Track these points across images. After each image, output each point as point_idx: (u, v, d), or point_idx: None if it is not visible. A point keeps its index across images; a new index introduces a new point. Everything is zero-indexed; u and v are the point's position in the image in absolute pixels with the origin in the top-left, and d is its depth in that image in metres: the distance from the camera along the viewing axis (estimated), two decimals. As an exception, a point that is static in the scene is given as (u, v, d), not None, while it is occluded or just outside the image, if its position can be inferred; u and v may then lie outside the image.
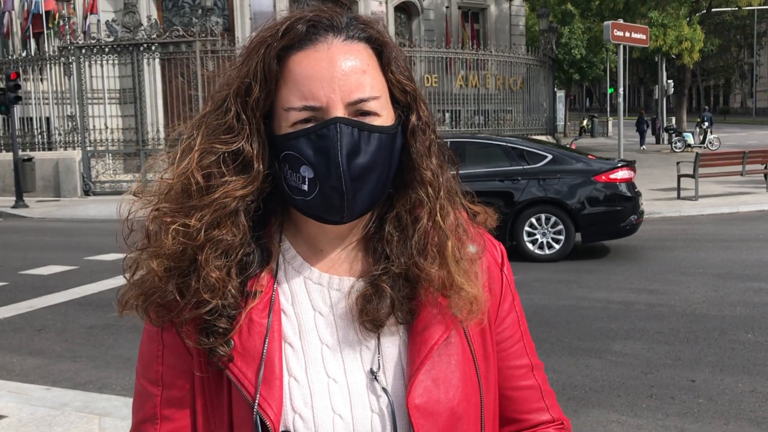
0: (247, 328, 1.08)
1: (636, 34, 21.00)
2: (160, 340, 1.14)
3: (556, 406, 1.30)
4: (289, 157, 1.06)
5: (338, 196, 1.05)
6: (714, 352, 6.29)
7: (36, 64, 22.98)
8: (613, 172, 10.73)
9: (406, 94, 1.13)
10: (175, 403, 1.14)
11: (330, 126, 1.04)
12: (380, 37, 1.11)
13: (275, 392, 1.07)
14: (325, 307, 1.14)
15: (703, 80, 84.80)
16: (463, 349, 1.14)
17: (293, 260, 1.16)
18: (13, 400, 5.24)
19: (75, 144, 21.92)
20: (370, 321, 1.11)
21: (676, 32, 31.10)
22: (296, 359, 1.10)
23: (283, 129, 1.07)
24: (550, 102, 29.30)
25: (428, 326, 1.12)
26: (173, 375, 1.14)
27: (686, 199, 16.58)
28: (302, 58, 1.06)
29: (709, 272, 9.46)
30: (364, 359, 1.12)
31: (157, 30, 21.55)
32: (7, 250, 13.07)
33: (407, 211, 1.15)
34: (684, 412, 5.09)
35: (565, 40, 44.98)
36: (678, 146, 32.77)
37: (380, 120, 1.08)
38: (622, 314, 7.61)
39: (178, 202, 1.09)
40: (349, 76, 1.05)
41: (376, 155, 1.06)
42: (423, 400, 1.09)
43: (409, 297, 1.13)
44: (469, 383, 1.14)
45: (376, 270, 1.13)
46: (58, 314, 8.32)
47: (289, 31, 1.07)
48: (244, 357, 1.08)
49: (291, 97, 1.05)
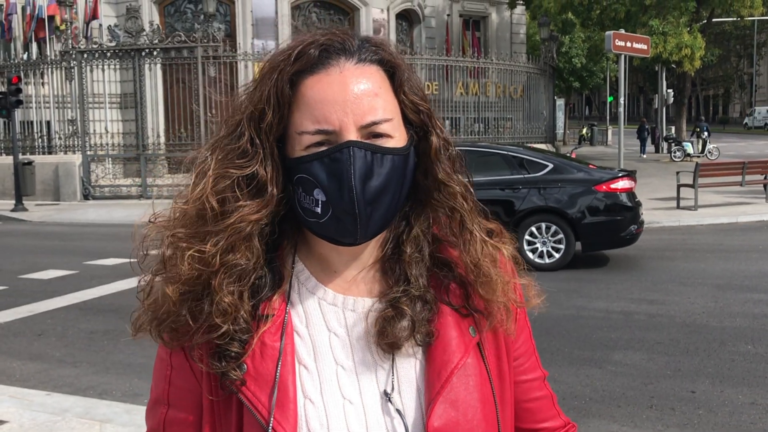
0: (260, 351, 1.09)
1: (637, 44, 21.07)
2: (169, 360, 1.17)
3: (560, 409, 1.36)
4: (302, 180, 1.07)
5: (351, 219, 1.05)
6: (714, 364, 6.30)
7: (37, 68, 23.00)
8: (613, 181, 10.75)
9: (420, 114, 1.14)
10: (178, 423, 1.16)
11: (343, 149, 1.04)
12: (392, 59, 1.12)
13: (289, 415, 1.07)
14: (340, 328, 1.14)
15: (702, 90, 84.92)
16: (480, 370, 1.15)
17: (307, 281, 1.16)
18: (14, 406, 5.24)
19: (75, 148, 21.93)
20: (388, 343, 1.11)
21: (677, 39, 31.16)
22: (311, 381, 1.11)
23: (296, 152, 1.08)
24: (549, 110, 29.35)
25: (447, 349, 1.13)
26: (179, 396, 1.16)
27: (686, 208, 16.60)
28: (315, 82, 1.07)
29: (708, 283, 9.47)
30: (380, 380, 1.12)
31: (159, 35, 21.58)
32: (6, 254, 13.07)
33: (425, 231, 1.17)
34: (684, 423, 5.09)
35: (566, 48, 45.11)
36: (677, 156, 32.80)
37: (393, 142, 1.09)
38: (622, 324, 7.61)
39: (194, 227, 1.10)
40: (362, 99, 1.06)
41: (389, 177, 1.07)
42: (442, 422, 1.09)
43: (428, 319, 1.13)
44: (487, 404, 1.14)
45: (396, 292, 1.14)
46: (58, 319, 8.32)
47: (302, 55, 1.08)
48: (257, 381, 1.08)
49: (304, 121, 1.07)
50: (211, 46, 21.10)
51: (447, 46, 28.43)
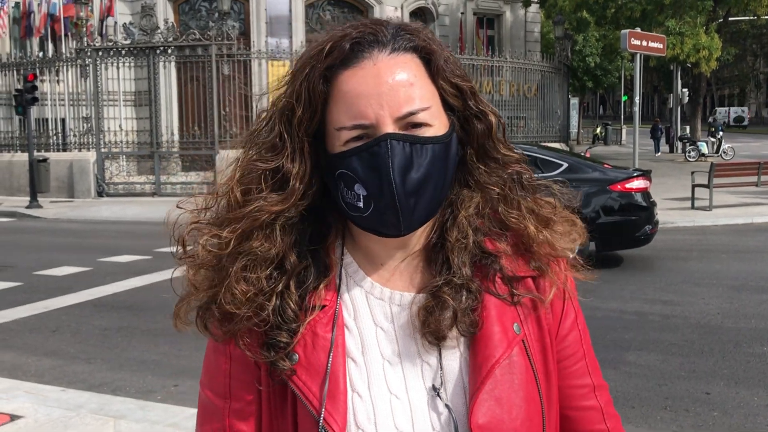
0: (312, 341, 1.09)
1: (653, 43, 20.92)
2: (227, 352, 1.15)
3: (619, 430, 1.26)
4: (343, 175, 1.07)
5: (393, 211, 1.05)
6: (729, 365, 6.25)
7: (53, 65, 23.14)
8: (628, 181, 10.69)
9: (463, 95, 1.12)
10: (242, 415, 1.15)
11: (380, 143, 1.04)
12: (427, 46, 1.10)
13: (340, 407, 1.07)
14: (386, 322, 1.13)
15: (717, 89, 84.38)
16: (526, 367, 1.12)
17: (355, 274, 1.16)
18: (30, 401, 5.27)
19: (90, 145, 22.05)
20: (432, 333, 1.10)
21: (694, 40, 30.94)
22: (359, 375, 1.11)
23: (336, 148, 1.08)
24: (564, 109, 29.23)
25: (490, 343, 1.11)
26: (240, 388, 1.15)
27: (700, 209, 16.49)
28: (349, 76, 1.07)
29: (723, 283, 9.40)
30: (425, 375, 1.11)
31: (173, 33, 21.66)
32: (21, 251, 13.16)
33: (470, 217, 1.15)
34: (699, 424, 5.06)
35: (580, 47, 44.91)
36: (692, 155, 32.60)
37: (432, 130, 1.07)
38: (636, 325, 7.57)
39: (219, 215, 1.12)
40: (397, 91, 1.05)
41: (431, 166, 1.06)
42: (486, 419, 1.07)
43: (471, 308, 1.11)
44: (532, 403, 1.12)
45: (437, 281, 1.12)
46: (72, 315, 8.37)
47: (334, 50, 1.07)
48: (309, 371, 1.08)
49: (341, 116, 1.07)
50: (226, 44, 21.15)
51: (461, 44, 28.34)
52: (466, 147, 1.15)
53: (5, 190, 22.54)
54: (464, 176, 1.16)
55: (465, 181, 1.16)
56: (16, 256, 12.50)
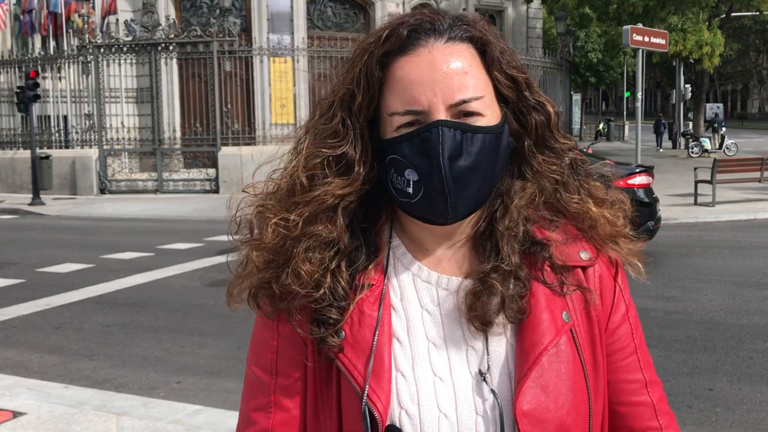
0: (358, 319, 1.11)
1: (655, 38, 20.86)
2: (275, 329, 1.17)
3: (673, 428, 1.23)
4: (394, 161, 1.09)
5: (442, 198, 1.06)
6: (732, 361, 6.24)
7: (55, 62, 23.16)
8: (631, 177, 10.68)
9: (517, 87, 1.14)
10: (288, 392, 1.16)
11: (432, 129, 1.05)
12: (483, 36, 1.12)
13: (384, 385, 1.07)
14: (433, 306, 1.14)
15: (720, 85, 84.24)
16: (573, 357, 1.11)
17: (403, 257, 1.17)
18: (32, 398, 5.28)
19: (92, 142, 22.06)
20: (479, 318, 1.10)
21: (696, 37, 30.87)
22: (404, 355, 1.11)
23: (388, 133, 1.10)
24: (566, 105, 29.20)
25: (538, 330, 1.10)
26: (287, 365, 1.16)
27: (703, 205, 16.46)
28: (404, 63, 1.08)
29: (726, 279, 9.39)
30: (470, 359, 1.11)
31: (175, 30, 21.66)
32: (24, 248, 13.18)
33: (520, 208, 1.15)
34: (701, 421, 5.06)
35: (582, 43, 44.84)
36: (695, 151, 32.53)
37: (484, 120, 1.09)
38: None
39: (283, 200, 1.14)
40: (451, 78, 1.07)
41: (480, 156, 1.08)
42: (531, 407, 1.06)
43: (520, 295, 1.11)
44: (579, 393, 1.11)
45: (486, 267, 1.13)
46: (75, 312, 8.38)
47: (391, 36, 1.09)
48: (354, 348, 1.09)
49: (394, 102, 1.08)
50: (227, 40, 21.15)
51: (463, 40, 28.30)
52: (522, 138, 1.16)
53: (8, 188, 22.57)
54: (518, 167, 1.17)
55: (519, 172, 1.17)
56: (18, 253, 12.52)
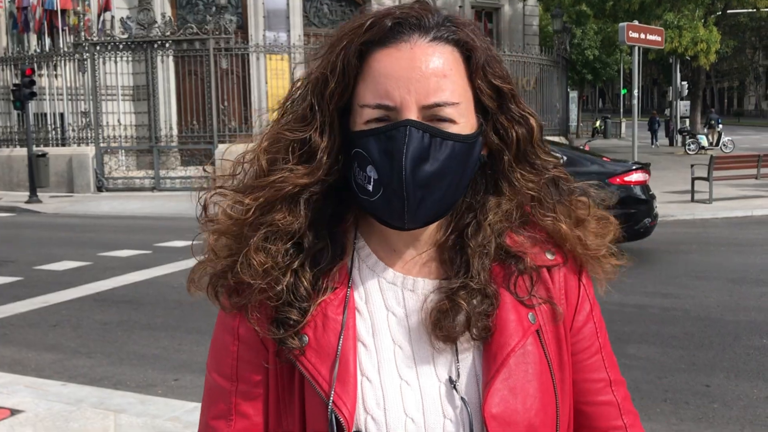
0: (322, 324, 1.07)
1: (651, 35, 20.89)
2: (235, 333, 1.13)
3: (637, 427, 1.23)
4: (358, 154, 1.05)
5: (399, 201, 1.02)
6: (729, 357, 6.26)
7: (51, 60, 23.10)
8: (627, 174, 10.69)
9: (500, 97, 1.09)
10: (249, 398, 1.12)
11: (399, 128, 1.01)
12: (471, 41, 1.07)
13: (350, 390, 1.05)
14: (398, 308, 1.11)
15: (717, 82, 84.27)
16: (540, 358, 1.10)
17: (368, 258, 1.14)
18: (30, 395, 5.28)
19: (88, 140, 22.03)
20: (444, 337, 1.08)
21: (692, 34, 30.92)
22: (369, 359, 1.08)
23: (357, 125, 1.06)
24: (563, 102, 29.20)
25: (505, 332, 1.09)
26: (248, 370, 1.12)
27: (700, 202, 16.49)
28: (383, 55, 1.04)
29: (723, 276, 9.41)
30: (438, 364, 1.09)
31: (171, 27, 21.63)
32: (21, 245, 13.16)
33: (493, 224, 1.12)
34: (698, 417, 5.07)
35: (578, 40, 44.86)
36: (691, 148, 32.59)
37: (456, 128, 1.04)
38: (636, 318, 7.57)
39: (242, 183, 1.12)
40: (428, 79, 1.02)
41: (447, 164, 1.03)
42: (500, 409, 1.05)
43: (486, 313, 1.09)
44: (546, 394, 1.10)
45: (454, 284, 1.10)
46: (72, 310, 8.37)
47: (375, 26, 1.05)
48: (319, 353, 1.06)
49: (367, 93, 1.04)
50: (223, 38, 21.12)
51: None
52: (501, 151, 1.12)
53: (5, 185, 22.54)
54: (494, 182, 1.13)
55: (494, 187, 1.13)
56: (16, 250, 12.50)
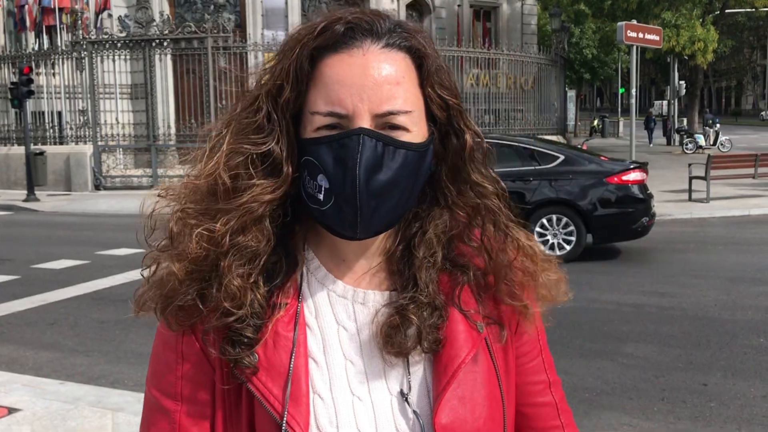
0: (273, 341, 1.04)
1: (649, 35, 20.91)
2: (179, 351, 1.08)
3: (573, 426, 1.26)
4: (308, 163, 1.02)
5: (352, 210, 0.99)
6: (726, 356, 6.27)
7: (48, 58, 23.05)
8: (625, 173, 10.70)
9: (449, 110, 1.07)
10: (195, 418, 1.08)
11: (352, 136, 0.99)
12: (422, 49, 1.05)
13: (303, 410, 1.03)
14: (349, 322, 1.09)
15: (715, 81, 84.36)
16: (488, 366, 1.11)
17: (317, 271, 1.11)
18: (28, 394, 5.27)
19: (86, 138, 21.99)
20: (395, 353, 1.07)
21: (690, 33, 30.96)
22: (320, 376, 1.06)
23: (307, 133, 1.03)
24: (561, 102, 29.22)
25: (455, 344, 1.08)
26: (193, 388, 1.08)
27: (697, 201, 16.52)
28: (335, 61, 1.01)
29: (720, 275, 9.42)
30: (389, 378, 1.08)
31: (169, 26, 21.59)
32: (19, 244, 13.14)
33: (440, 235, 1.11)
34: (696, 416, 5.08)
35: (576, 39, 44.89)
36: (689, 147, 32.63)
37: (409, 136, 1.02)
38: (633, 317, 7.59)
39: (204, 203, 1.05)
40: (381, 86, 1.00)
41: (400, 172, 1.01)
42: (450, 420, 1.05)
43: (436, 326, 1.08)
44: (494, 401, 1.10)
45: (404, 298, 1.08)
46: (70, 308, 8.36)
47: (326, 30, 1.02)
48: (270, 372, 1.03)
49: (318, 100, 1.01)
50: (221, 36, 21.09)
51: (458, 37, 28.31)
52: (440, 164, 1.10)
53: (2, 184, 22.49)
54: (436, 193, 1.11)
55: (435, 197, 1.11)
56: (13, 249, 12.48)
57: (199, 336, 1.06)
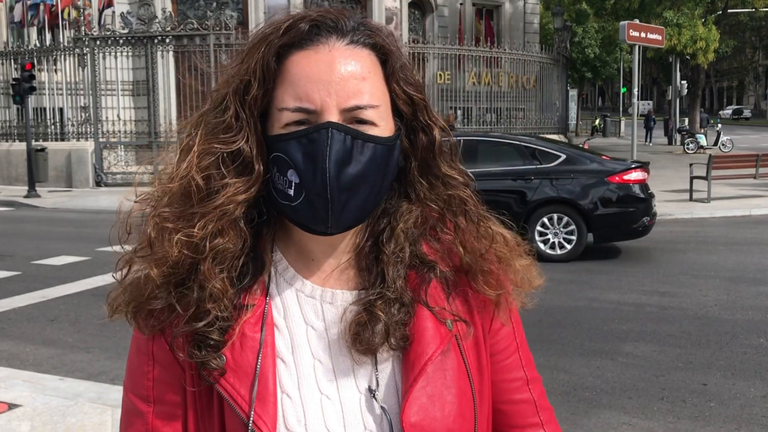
0: (240, 342, 1.05)
1: (651, 34, 20.90)
2: (150, 353, 1.11)
3: (553, 423, 1.25)
4: (278, 159, 1.03)
5: (323, 204, 1.00)
6: (726, 356, 6.27)
7: (51, 54, 23.06)
8: (627, 173, 10.70)
9: (414, 105, 1.09)
10: (167, 419, 1.10)
11: (321, 130, 1.00)
12: (386, 45, 1.07)
13: (269, 409, 1.04)
14: (318, 321, 1.10)
15: (716, 81, 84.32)
16: (458, 363, 1.10)
17: (285, 272, 1.12)
18: (28, 390, 5.28)
19: (87, 135, 22.00)
20: (364, 351, 1.07)
21: (691, 32, 30.94)
22: (289, 375, 1.07)
23: (275, 129, 1.04)
24: (562, 101, 29.21)
25: (422, 340, 1.08)
26: (164, 390, 1.10)
27: (698, 201, 16.51)
28: (301, 58, 1.03)
29: (721, 275, 9.42)
30: (358, 376, 1.09)
31: (171, 23, 21.60)
32: (19, 240, 13.15)
33: (407, 230, 1.11)
34: (695, 415, 5.08)
35: (579, 38, 44.86)
36: (690, 147, 32.61)
37: (377, 130, 1.04)
38: (633, 316, 7.59)
39: (179, 206, 1.06)
40: (348, 81, 1.02)
41: (369, 166, 1.02)
42: (419, 417, 1.05)
43: (403, 322, 1.08)
44: (464, 398, 1.10)
45: (372, 295, 1.09)
46: (70, 305, 8.37)
47: (291, 29, 1.04)
48: (237, 373, 1.04)
49: (286, 96, 1.02)
50: (224, 33, 21.10)
51: (460, 35, 28.30)
52: (409, 158, 1.11)
53: (3, 180, 22.52)
54: (405, 188, 1.13)
55: (406, 193, 1.13)
56: (14, 245, 12.49)
57: (168, 339, 1.08)
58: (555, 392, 5.25)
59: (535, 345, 1.34)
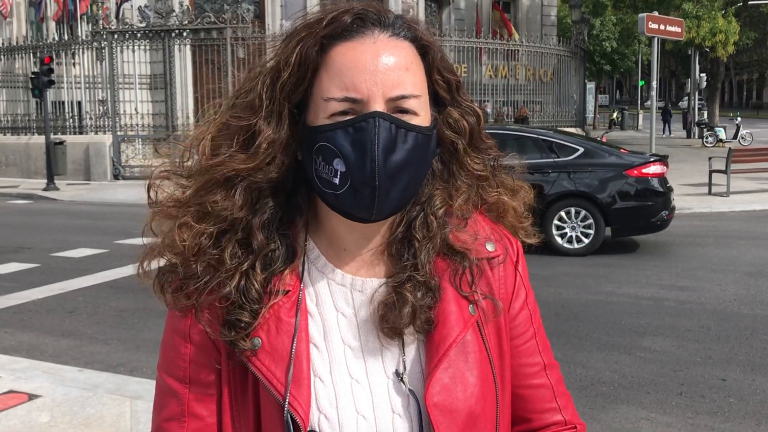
0: (275, 327, 1.09)
1: (671, 26, 20.71)
2: (187, 335, 1.14)
3: (571, 408, 1.27)
4: (323, 148, 1.05)
5: (369, 191, 1.04)
6: (745, 352, 6.22)
7: (69, 48, 23.19)
8: (645, 166, 10.62)
9: (451, 90, 1.14)
10: (202, 399, 1.14)
11: (369, 119, 1.03)
12: (425, 38, 1.12)
13: (304, 392, 1.08)
14: (348, 308, 1.14)
15: (736, 74, 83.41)
16: (480, 347, 1.14)
17: (317, 260, 1.16)
18: (47, 381, 5.33)
19: (105, 128, 22.13)
20: (390, 329, 1.11)
21: (710, 24, 30.62)
22: (321, 360, 1.11)
23: (319, 120, 1.06)
24: (580, 94, 29.03)
25: (446, 324, 1.12)
26: (200, 372, 1.14)
27: (718, 195, 16.37)
28: (347, 49, 1.06)
29: (740, 270, 9.34)
30: (386, 360, 1.13)
31: (188, 16, 21.66)
32: (38, 232, 13.26)
33: (438, 216, 1.16)
34: (714, 411, 5.04)
35: (597, 31, 44.50)
36: (709, 141, 32.32)
37: (418, 120, 1.07)
38: (651, 310, 7.54)
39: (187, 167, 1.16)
40: (392, 72, 1.05)
41: (411, 154, 1.06)
42: (441, 398, 1.09)
43: (429, 306, 1.12)
44: (486, 382, 1.14)
45: (401, 277, 1.13)
46: (89, 297, 8.44)
47: (335, 20, 1.07)
48: (273, 356, 1.08)
49: (332, 87, 1.05)
50: (240, 27, 21.12)
51: (477, 28, 28.16)
52: (456, 142, 1.16)
53: (22, 173, 22.70)
54: (445, 171, 1.18)
55: (445, 176, 1.18)
56: (33, 237, 12.60)
57: (197, 315, 1.12)
58: (572, 387, 5.22)
59: (552, 339, 1.34)
